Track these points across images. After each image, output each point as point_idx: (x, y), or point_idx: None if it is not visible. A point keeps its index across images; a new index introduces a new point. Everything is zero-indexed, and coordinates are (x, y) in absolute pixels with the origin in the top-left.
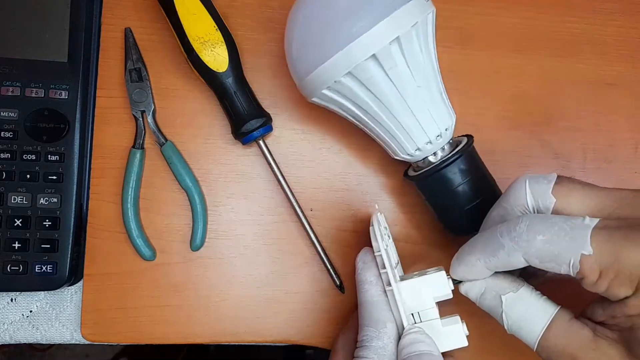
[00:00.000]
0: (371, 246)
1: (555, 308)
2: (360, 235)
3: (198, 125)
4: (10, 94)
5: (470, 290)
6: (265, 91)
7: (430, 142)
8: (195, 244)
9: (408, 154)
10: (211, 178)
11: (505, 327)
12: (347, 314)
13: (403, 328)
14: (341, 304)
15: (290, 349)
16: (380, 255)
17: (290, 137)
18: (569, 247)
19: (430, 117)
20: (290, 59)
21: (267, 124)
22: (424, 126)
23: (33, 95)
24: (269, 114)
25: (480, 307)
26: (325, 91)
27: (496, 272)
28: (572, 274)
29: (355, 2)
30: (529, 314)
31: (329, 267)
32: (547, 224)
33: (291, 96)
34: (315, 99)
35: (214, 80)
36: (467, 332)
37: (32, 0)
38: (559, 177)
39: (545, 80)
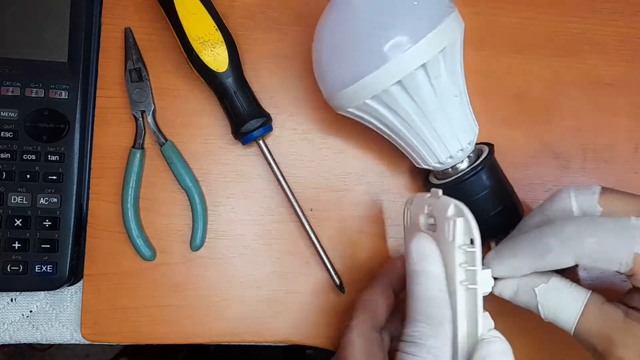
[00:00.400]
0: (374, 244)
1: (587, 293)
2: (361, 235)
3: (198, 125)
4: (10, 94)
5: (504, 290)
6: (265, 91)
7: (462, 150)
8: (195, 244)
9: (439, 162)
10: (211, 178)
11: (542, 317)
12: (347, 314)
13: (474, 332)
14: (341, 304)
15: (290, 349)
16: (475, 251)
17: (290, 137)
18: (620, 247)
19: (463, 125)
20: (322, 70)
21: (267, 124)
22: (457, 134)
23: (33, 95)
24: (269, 114)
25: (516, 304)
26: (369, 101)
27: None
28: (622, 272)
29: (405, 10)
30: (563, 302)
31: (329, 267)
32: (595, 226)
33: (291, 96)
34: (352, 109)
35: (214, 80)
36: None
37: (32, 0)
38: (602, 188)
39: (545, 80)
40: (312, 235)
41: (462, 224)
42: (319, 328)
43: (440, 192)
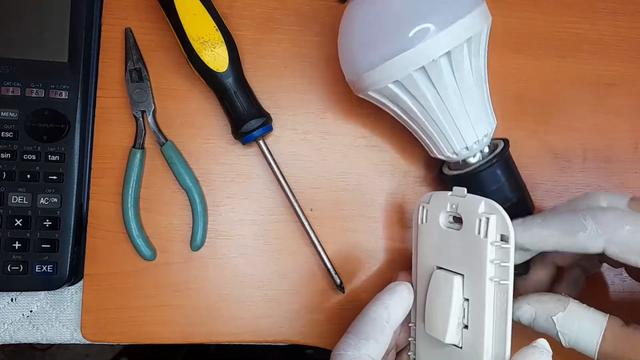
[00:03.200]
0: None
1: (605, 317)
2: (361, 235)
3: (198, 125)
4: (10, 94)
5: (522, 316)
6: (265, 91)
7: (478, 142)
8: (195, 244)
9: (454, 153)
10: (211, 178)
11: (563, 344)
12: (347, 314)
13: (504, 329)
14: (341, 304)
15: (290, 349)
16: (509, 247)
17: (290, 137)
18: None
19: (481, 117)
20: (347, 51)
21: (267, 124)
22: (475, 125)
23: (33, 95)
24: (269, 114)
25: (535, 330)
26: (391, 85)
27: (541, 294)
28: None
29: None
30: (583, 329)
31: (329, 267)
32: (634, 216)
33: (291, 96)
34: (372, 93)
35: (214, 80)
36: None
37: (32, 0)
38: (631, 197)
39: (545, 80)
40: (312, 235)
41: (495, 220)
42: (319, 328)
43: (464, 190)
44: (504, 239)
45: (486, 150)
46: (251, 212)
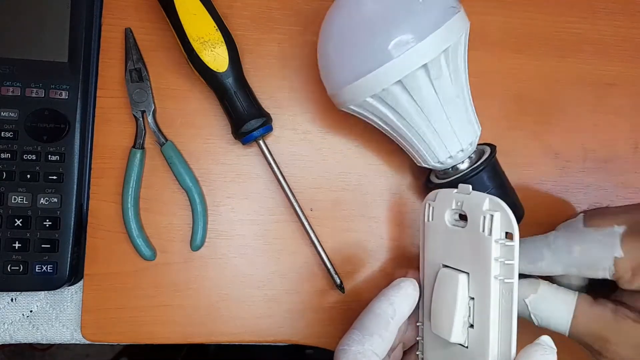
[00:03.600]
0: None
1: (575, 296)
2: (361, 235)
3: (198, 125)
4: (10, 94)
5: None
6: (265, 91)
7: (462, 150)
8: (195, 244)
9: (439, 162)
10: (211, 178)
11: (536, 324)
12: (347, 313)
13: (509, 327)
14: (341, 304)
15: (290, 349)
16: (513, 245)
17: (290, 137)
18: (603, 254)
19: (464, 126)
20: (326, 66)
21: (267, 124)
22: (458, 134)
23: (33, 95)
24: (269, 114)
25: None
26: (369, 99)
27: None
28: (608, 277)
29: (408, 10)
30: (554, 309)
31: (329, 267)
32: (581, 236)
33: (291, 96)
34: (353, 107)
35: (214, 80)
36: None
37: (32, 0)
38: (584, 212)
39: (545, 80)
40: (312, 235)
41: (499, 218)
42: (319, 328)
43: (470, 187)
44: (507, 235)
45: (473, 157)
46: (251, 212)
